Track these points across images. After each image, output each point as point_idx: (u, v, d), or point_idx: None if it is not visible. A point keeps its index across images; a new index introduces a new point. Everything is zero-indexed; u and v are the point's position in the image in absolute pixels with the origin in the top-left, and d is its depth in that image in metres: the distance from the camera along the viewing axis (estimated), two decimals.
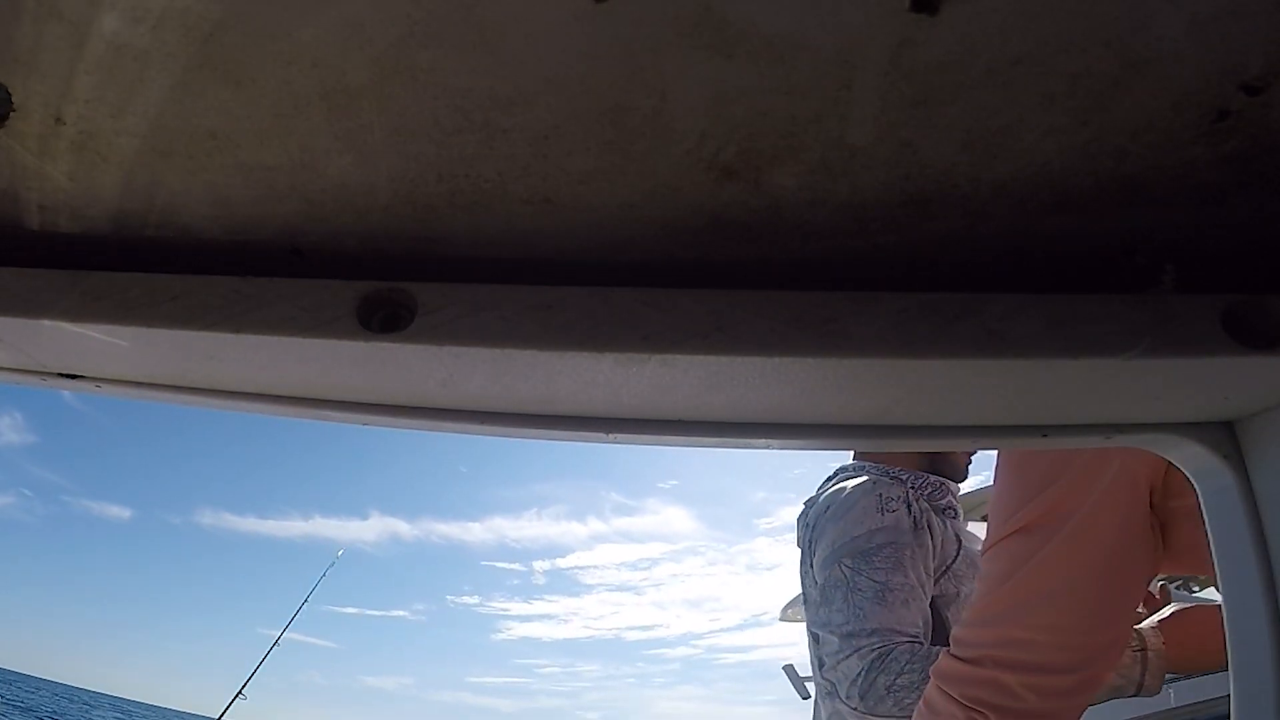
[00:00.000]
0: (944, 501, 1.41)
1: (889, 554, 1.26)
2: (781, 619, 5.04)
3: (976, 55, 0.44)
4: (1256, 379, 0.57)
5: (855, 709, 1.15)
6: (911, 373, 0.55)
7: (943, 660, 0.96)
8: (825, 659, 1.23)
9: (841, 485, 1.42)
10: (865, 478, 1.42)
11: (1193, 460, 0.68)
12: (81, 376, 0.67)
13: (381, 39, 0.45)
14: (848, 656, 1.17)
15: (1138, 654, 1.04)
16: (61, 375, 0.66)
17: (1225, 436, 0.65)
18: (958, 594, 1.30)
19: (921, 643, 1.20)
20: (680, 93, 0.47)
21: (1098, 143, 0.50)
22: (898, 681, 1.11)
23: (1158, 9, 0.42)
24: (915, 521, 1.32)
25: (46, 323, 0.57)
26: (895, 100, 0.47)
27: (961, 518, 1.43)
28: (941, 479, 1.43)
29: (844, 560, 1.28)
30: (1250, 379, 0.57)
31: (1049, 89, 0.46)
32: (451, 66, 0.46)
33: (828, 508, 1.40)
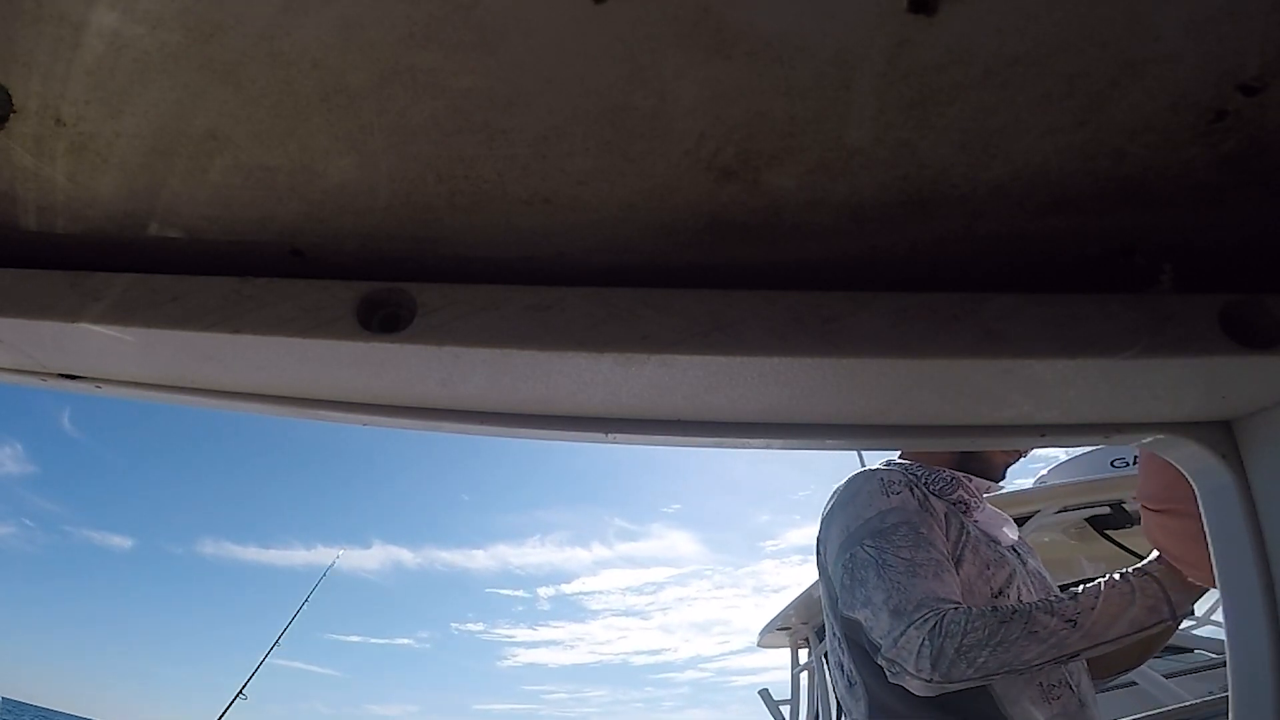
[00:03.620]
0: (954, 495, 1.41)
1: (906, 533, 1.28)
2: (761, 644, 5.02)
3: (974, 56, 0.44)
4: (1254, 378, 0.57)
5: (929, 680, 1.15)
6: (910, 372, 0.55)
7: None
8: (880, 641, 1.22)
9: (849, 478, 1.46)
10: (868, 467, 1.46)
11: (1191, 459, 0.68)
12: (81, 377, 0.67)
13: (381, 40, 0.45)
14: (904, 631, 1.17)
15: (1149, 579, 1.12)
16: (61, 375, 0.67)
17: (1223, 435, 0.65)
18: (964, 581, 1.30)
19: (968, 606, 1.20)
20: (679, 93, 0.47)
21: (1095, 143, 0.50)
22: (964, 642, 1.12)
23: (1155, 10, 0.42)
24: (920, 503, 1.35)
25: (46, 323, 0.57)
26: (893, 101, 0.47)
27: (975, 514, 1.43)
28: (957, 474, 1.43)
29: (865, 542, 1.30)
30: (1248, 378, 0.57)
31: (1047, 89, 0.46)
32: (451, 67, 0.46)
33: (837, 495, 1.44)
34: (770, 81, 0.46)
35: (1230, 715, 0.67)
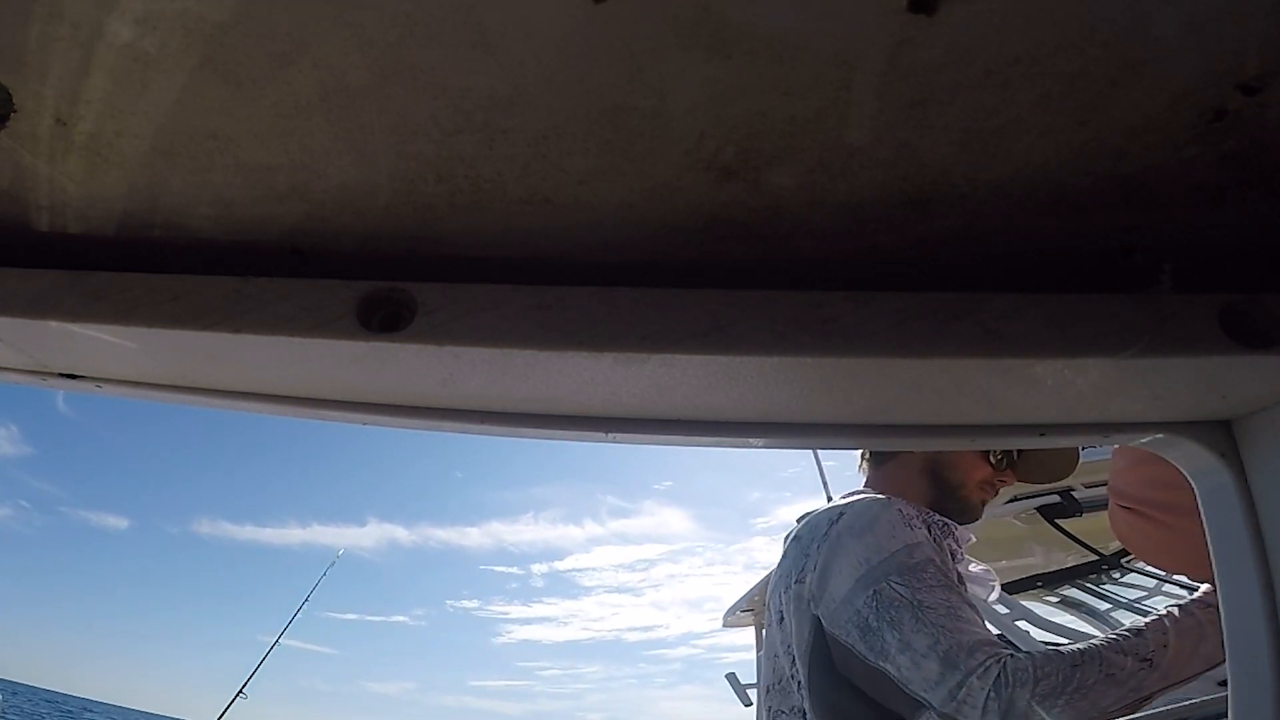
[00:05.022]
0: (946, 542, 1.32)
1: (934, 572, 1.19)
2: (726, 624, 4.99)
3: (974, 56, 0.44)
4: (1254, 378, 0.57)
5: None
6: (909, 372, 0.55)
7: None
8: (925, 694, 1.09)
9: (853, 501, 1.34)
10: (878, 496, 1.35)
11: (1190, 459, 0.68)
12: (82, 376, 0.67)
13: (381, 39, 0.45)
14: (963, 681, 1.06)
15: (1214, 610, 1.05)
16: (62, 375, 0.67)
17: (1223, 435, 0.65)
18: None
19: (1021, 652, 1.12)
20: (679, 93, 0.47)
21: (1095, 142, 0.50)
22: (1038, 690, 1.03)
23: (1155, 10, 0.42)
24: (934, 540, 1.26)
25: (48, 323, 0.57)
26: (893, 100, 0.47)
27: (959, 565, 1.35)
28: (947, 521, 1.35)
29: (892, 579, 1.17)
30: (1248, 378, 0.57)
31: (1046, 89, 0.46)
32: (451, 67, 0.47)
33: (839, 518, 1.29)
34: (770, 81, 0.46)
35: (1230, 715, 0.67)
